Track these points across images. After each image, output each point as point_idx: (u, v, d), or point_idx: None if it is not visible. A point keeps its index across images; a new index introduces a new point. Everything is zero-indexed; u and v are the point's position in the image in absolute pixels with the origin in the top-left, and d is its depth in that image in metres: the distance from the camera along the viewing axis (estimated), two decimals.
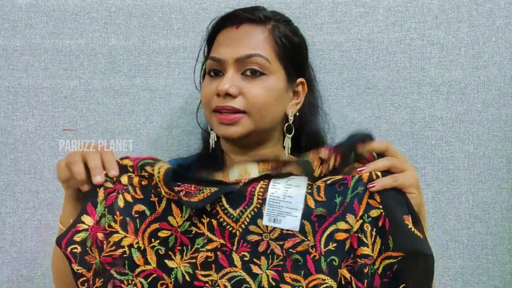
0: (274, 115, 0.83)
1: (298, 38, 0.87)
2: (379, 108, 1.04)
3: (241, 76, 0.80)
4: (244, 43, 0.80)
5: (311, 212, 0.67)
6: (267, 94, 0.80)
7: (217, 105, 0.80)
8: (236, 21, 0.82)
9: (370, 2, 1.04)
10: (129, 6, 1.03)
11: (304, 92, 0.88)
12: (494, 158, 1.05)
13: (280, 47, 0.82)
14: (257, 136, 0.83)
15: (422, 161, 1.04)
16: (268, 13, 0.84)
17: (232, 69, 0.80)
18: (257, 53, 0.79)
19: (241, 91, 0.79)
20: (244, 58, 0.79)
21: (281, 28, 0.83)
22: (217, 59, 0.81)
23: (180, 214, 0.69)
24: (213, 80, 0.82)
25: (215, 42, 0.84)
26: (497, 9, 1.04)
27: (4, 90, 1.03)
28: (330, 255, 0.66)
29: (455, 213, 1.05)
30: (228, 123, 0.80)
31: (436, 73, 1.04)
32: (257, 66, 0.79)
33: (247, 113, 0.79)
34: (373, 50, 1.04)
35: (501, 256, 1.05)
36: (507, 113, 1.04)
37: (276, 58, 0.81)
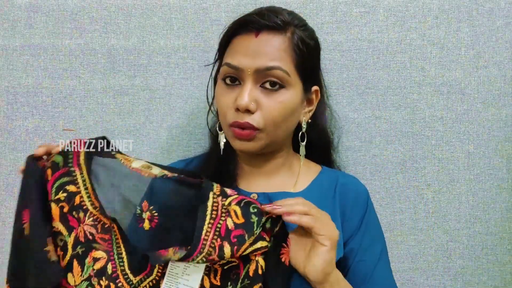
0: (288, 128, 0.82)
1: (314, 42, 0.83)
2: (379, 108, 1.04)
3: (259, 88, 0.78)
4: (264, 53, 0.77)
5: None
6: (284, 109, 0.78)
7: (235, 120, 0.78)
8: (254, 28, 0.78)
9: (370, 2, 1.04)
10: (129, 6, 1.03)
11: (318, 99, 0.86)
12: (494, 158, 1.05)
13: (299, 56, 0.79)
14: (271, 147, 0.82)
15: (422, 161, 1.04)
16: (286, 17, 0.79)
17: (250, 80, 0.77)
18: (277, 65, 0.76)
19: (259, 105, 0.77)
20: (264, 70, 0.76)
21: (299, 34, 0.80)
22: (236, 67, 0.78)
23: (81, 273, 0.70)
24: (229, 89, 0.79)
25: (231, 48, 0.81)
26: (497, 9, 1.04)
27: (4, 90, 1.03)
28: None
29: (455, 213, 1.05)
30: (244, 139, 0.78)
31: (436, 73, 1.04)
32: (276, 79, 0.77)
33: (261, 129, 0.78)
34: (373, 50, 1.04)
35: (501, 256, 1.05)
36: (507, 113, 1.04)
37: (295, 70, 0.79)
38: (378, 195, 1.04)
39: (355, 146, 1.04)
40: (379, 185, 1.04)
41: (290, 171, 0.87)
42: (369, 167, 1.05)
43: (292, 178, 0.86)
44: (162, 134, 1.05)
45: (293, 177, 0.86)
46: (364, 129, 1.04)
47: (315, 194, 0.83)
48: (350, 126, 1.04)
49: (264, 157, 0.85)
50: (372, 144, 1.05)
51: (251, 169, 0.86)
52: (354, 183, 0.88)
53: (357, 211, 0.84)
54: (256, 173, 0.86)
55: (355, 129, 1.04)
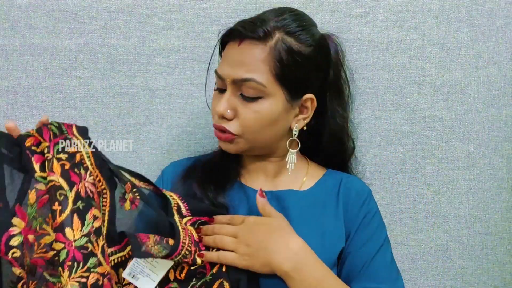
0: (270, 134, 0.82)
1: (311, 49, 0.80)
2: (379, 108, 1.04)
3: (239, 96, 0.80)
4: (242, 64, 0.78)
5: (167, 283, 0.74)
6: (260, 118, 0.79)
7: (214, 123, 0.83)
8: (238, 37, 0.79)
9: (370, 2, 1.04)
10: (129, 6, 1.03)
11: (314, 107, 0.84)
12: (494, 158, 1.05)
13: (280, 66, 0.78)
14: (259, 149, 0.85)
15: (422, 161, 1.04)
16: (272, 26, 0.78)
17: (230, 89, 0.80)
18: (251, 77, 0.77)
19: (236, 113, 0.80)
20: (240, 81, 0.78)
21: (287, 42, 0.78)
22: (219, 75, 0.81)
23: (81, 228, 0.69)
24: (218, 95, 0.83)
25: (223, 55, 0.84)
26: (497, 9, 1.04)
27: (4, 90, 1.03)
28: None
29: (455, 213, 1.05)
30: (224, 141, 0.82)
31: (436, 73, 1.04)
32: (252, 90, 0.78)
33: (240, 135, 0.81)
34: (373, 50, 1.04)
35: (501, 256, 1.05)
36: (507, 113, 1.04)
37: (274, 80, 0.78)
38: (378, 195, 1.04)
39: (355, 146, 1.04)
40: (379, 185, 1.04)
41: (297, 171, 0.88)
42: (369, 167, 1.05)
43: (299, 178, 0.88)
44: (162, 134, 1.05)
45: (298, 178, 0.88)
46: (364, 129, 1.04)
47: (319, 193, 0.86)
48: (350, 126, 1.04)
49: (265, 158, 0.87)
50: (372, 144, 1.05)
51: (258, 169, 0.88)
52: (357, 182, 0.89)
53: (357, 210, 0.85)
54: (261, 172, 0.88)
55: (355, 129, 1.04)
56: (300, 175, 0.88)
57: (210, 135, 1.03)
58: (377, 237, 0.84)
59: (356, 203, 0.85)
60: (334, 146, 0.91)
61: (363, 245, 0.82)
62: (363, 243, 0.83)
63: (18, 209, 0.69)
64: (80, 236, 0.68)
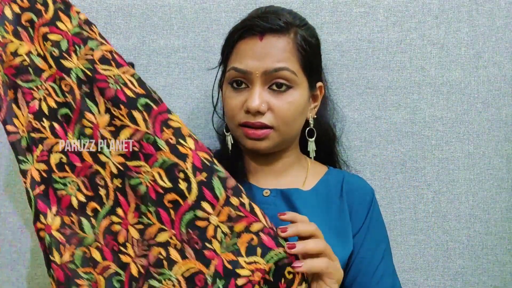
0: (299, 126, 0.84)
1: (315, 39, 0.85)
2: (379, 108, 1.04)
3: (268, 90, 0.79)
4: (271, 55, 0.78)
5: None
6: (294, 109, 0.80)
7: (246, 121, 0.79)
8: (258, 32, 0.79)
9: (370, 2, 1.04)
10: (129, 6, 1.03)
11: (322, 94, 0.88)
12: (494, 158, 1.05)
13: (303, 56, 0.80)
14: (285, 144, 0.84)
15: (422, 161, 1.04)
16: (288, 17, 0.81)
17: (259, 83, 0.79)
18: (284, 66, 0.78)
19: (270, 106, 0.79)
20: (272, 72, 0.78)
21: (302, 33, 0.81)
22: (243, 71, 0.79)
23: (69, 21, 0.72)
24: (237, 92, 0.81)
25: (236, 52, 0.82)
26: (497, 9, 1.04)
27: None
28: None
29: (455, 213, 1.05)
30: (257, 138, 0.80)
31: (436, 73, 1.04)
32: (284, 80, 0.78)
33: (275, 128, 0.79)
34: (373, 50, 1.04)
35: (501, 256, 1.05)
36: (507, 113, 1.04)
37: (301, 69, 0.80)
38: (378, 195, 1.03)
39: (355, 146, 1.04)
40: (379, 185, 1.04)
41: (298, 170, 0.88)
42: (369, 167, 1.05)
43: (301, 176, 0.88)
44: None
45: (301, 176, 0.88)
46: (364, 129, 1.04)
47: (323, 192, 0.85)
48: (350, 126, 1.04)
49: (272, 156, 0.86)
50: (372, 144, 1.05)
51: (261, 167, 0.87)
52: (360, 182, 0.89)
53: (362, 209, 0.85)
54: (266, 170, 0.87)
55: (355, 129, 1.04)
56: (302, 173, 0.88)
57: (210, 134, 1.03)
58: (382, 243, 0.85)
59: (362, 204, 0.85)
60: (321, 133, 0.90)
61: (369, 250, 0.82)
62: (369, 249, 0.82)
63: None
64: (72, 27, 0.72)
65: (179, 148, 0.66)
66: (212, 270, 0.63)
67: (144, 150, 0.67)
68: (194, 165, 0.65)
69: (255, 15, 0.82)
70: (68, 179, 0.70)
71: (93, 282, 0.67)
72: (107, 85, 0.69)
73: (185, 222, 0.65)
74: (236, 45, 0.82)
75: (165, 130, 0.67)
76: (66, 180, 0.70)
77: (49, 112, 0.71)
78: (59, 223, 0.69)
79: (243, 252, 0.63)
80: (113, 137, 0.69)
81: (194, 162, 0.65)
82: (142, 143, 0.67)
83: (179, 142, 0.66)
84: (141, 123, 0.67)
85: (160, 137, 0.67)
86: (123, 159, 0.68)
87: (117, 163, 0.68)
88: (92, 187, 0.69)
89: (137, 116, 0.68)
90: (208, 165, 0.65)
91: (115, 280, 0.66)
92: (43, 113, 0.71)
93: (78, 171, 0.70)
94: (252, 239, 0.63)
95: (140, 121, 0.67)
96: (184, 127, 0.68)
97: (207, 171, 0.65)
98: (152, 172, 0.66)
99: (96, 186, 0.69)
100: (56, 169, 0.70)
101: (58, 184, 0.70)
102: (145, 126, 0.67)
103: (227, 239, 0.63)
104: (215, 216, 0.64)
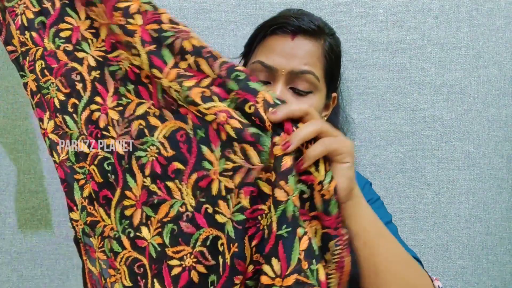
0: None
1: (339, 51, 0.85)
2: (379, 108, 1.04)
3: (289, 89, 0.79)
4: (299, 57, 0.78)
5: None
6: None
7: None
8: (291, 31, 0.79)
9: (370, 2, 1.04)
10: None
11: (334, 105, 0.87)
12: (494, 158, 1.05)
13: (328, 64, 0.80)
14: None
15: (422, 161, 1.04)
16: (320, 23, 0.81)
17: (282, 81, 0.78)
18: (311, 70, 0.78)
19: None
20: (298, 73, 0.77)
21: (330, 41, 0.81)
22: (269, 66, 0.78)
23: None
24: None
25: (265, 46, 0.81)
26: (497, 9, 1.04)
27: (4, 90, 1.03)
28: None
29: (455, 213, 1.05)
30: None
31: (436, 73, 1.04)
32: (307, 83, 0.78)
33: None
34: (373, 50, 1.04)
35: (501, 256, 1.05)
36: (507, 113, 1.04)
37: (324, 76, 0.80)
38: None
39: (355, 146, 1.04)
40: (379, 185, 1.04)
41: None
42: (369, 167, 1.05)
43: None
44: None
45: None
46: (364, 129, 1.04)
47: None
48: (350, 126, 1.04)
49: None
50: (372, 144, 1.05)
51: None
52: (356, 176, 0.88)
53: None
54: None
55: (355, 129, 1.04)
56: None
57: None
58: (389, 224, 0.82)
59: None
60: None
61: None
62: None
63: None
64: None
65: (127, 27, 0.67)
66: (190, 124, 0.63)
67: (115, 39, 0.69)
68: (142, 39, 0.65)
69: (289, 14, 0.82)
70: (49, 82, 0.73)
71: (88, 175, 0.71)
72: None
73: (159, 90, 0.66)
74: (265, 39, 0.81)
75: (114, 14, 0.68)
76: (48, 83, 0.73)
77: (28, 23, 0.74)
78: (53, 126, 0.72)
79: (199, 101, 0.61)
80: (95, 37, 0.72)
81: (142, 36, 0.66)
82: (111, 36, 0.70)
83: (128, 22, 0.67)
84: (102, 15, 0.70)
85: (112, 22, 0.68)
86: (103, 53, 0.71)
87: (96, 56, 0.71)
88: (68, 84, 0.72)
89: (99, 11, 0.70)
90: (156, 36, 0.65)
91: (105, 164, 0.68)
92: (24, 26, 0.74)
93: (55, 72, 0.73)
94: (204, 92, 0.62)
95: (102, 14, 0.70)
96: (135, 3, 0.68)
97: (155, 42, 0.66)
98: (128, 57, 0.68)
99: (73, 82, 0.71)
100: (40, 76, 0.73)
101: (44, 89, 0.73)
102: (106, 17, 0.69)
103: (181, 94, 0.63)
104: (165, 78, 0.64)
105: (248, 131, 0.58)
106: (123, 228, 0.66)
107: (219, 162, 0.60)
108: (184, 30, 0.64)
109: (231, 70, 0.61)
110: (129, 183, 0.66)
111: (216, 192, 0.60)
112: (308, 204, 0.58)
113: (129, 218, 0.66)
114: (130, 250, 0.65)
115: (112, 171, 0.67)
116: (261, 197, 0.58)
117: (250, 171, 0.58)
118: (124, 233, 0.66)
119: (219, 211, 0.60)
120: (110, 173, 0.67)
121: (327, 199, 0.57)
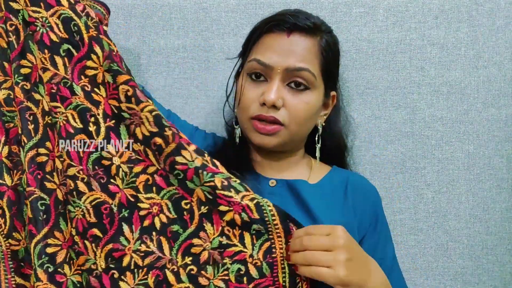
0: (308, 128, 0.84)
1: (337, 49, 0.86)
2: (379, 108, 1.04)
3: (286, 86, 0.79)
4: (295, 54, 0.78)
5: None
6: (308, 109, 0.80)
7: (260, 114, 0.79)
8: (287, 28, 0.79)
9: (370, 2, 1.04)
10: (129, 6, 1.03)
11: (333, 104, 0.88)
12: (494, 158, 1.05)
13: (325, 61, 0.81)
14: (287, 146, 0.84)
15: (422, 161, 1.04)
16: (317, 21, 0.81)
17: (278, 78, 0.79)
18: (306, 67, 0.78)
19: (285, 103, 0.79)
20: (293, 70, 0.78)
21: (327, 39, 0.82)
22: (265, 64, 0.79)
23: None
24: (255, 84, 0.81)
25: (261, 44, 0.82)
26: (497, 9, 1.04)
27: None
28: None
29: (455, 213, 1.05)
30: (266, 133, 0.80)
31: (436, 73, 1.04)
32: (303, 80, 0.79)
33: (286, 126, 0.79)
34: (373, 50, 1.04)
35: (501, 256, 1.05)
36: (507, 113, 1.04)
37: (320, 74, 0.81)
38: None
39: (355, 146, 1.04)
40: (379, 185, 1.04)
41: (303, 167, 0.88)
42: (369, 167, 1.05)
43: (305, 172, 0.87)
44: None
45: (306, 172, 0.87)
46: (364, 129, 1.04)
47: (327, 188, 0.85)
48: (350, 126, 1.04)
49: (277, 155, 0.86)
50: (372, 144, 1.05)
51: (268, 161, 0.87)
52: (364, 181, 0.89)
53: (368, 209, 0.84)
54: (272, 164, 0.87)
55: (355, 129, 1.04)
56: (306, 169, 0.88)
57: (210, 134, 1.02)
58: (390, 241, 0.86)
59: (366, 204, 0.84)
60: (332, 143, 0.91)
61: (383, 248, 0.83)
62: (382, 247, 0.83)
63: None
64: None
65: (93, 96, 0.72)
66: (116, 201, 0.71)
67: (61, 93, 0.72)
68: (105, 112, 0.72)
69: (286, 12, 0.82)
70: (15, 113, 0.75)
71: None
72: (35, 28, 0.73)
73: (91, 160, 0.71)
74: (262, 37, 0.82)
75: (82, 78, 0.72)
76: (13, 113, 0.75)
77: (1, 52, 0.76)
78: (7, 152, 0.74)
79: (142, 189, 0.71)
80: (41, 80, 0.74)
81: (105, 109, 0.72)
82: (60, 87, 0.72)
83: (93, 90, 0.72)
84: (61, 68, 0.72)
85: (77, 84, 0.72)
86: (49, 99, 0.73)
87: (46, 102, 0.73)
88: (21, 121, 0.74)
89: (58, 61, 0.73)
90: (116, 112, 0.72)
91: (39, 204, 0.71)
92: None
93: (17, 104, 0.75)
94: (148, 180, 0.71)
95: (61, 66, 0.72)
96: (100, 73, 0.72)
97: (115, 118, 0.72)
98: (66, 113, 0.72)
99: (25, 121, 0.73)
100: (4, 104, 0.74)
101: (6, 117, 0.75)
102: (64, 71, 0.72)
103: (128, 177, 0.71)
104: (118, 157, 0.71)
105: (170, 228, 0.70)
106: (41, 263, 0.70)
107: (135, 243, 0.70)
108: (137, 114, 0.70)
109: (173, 168, 0.69)
110: (61, 225, 0.72)
111: (126, 264, 0.69)
112: (246, 278, 0.68)
113: (50, 255, 0.71)
114: (46, 282, 0.70)
115: (44, 211, 0.71)
116: (166, 283, 0.69)
117: (160, 259, 0.69)
118: (42, 267, 0.70)
119: (124, 280, 0.69)
120: (43, 212, 0.71)
121: (259, 266, 0.68)
